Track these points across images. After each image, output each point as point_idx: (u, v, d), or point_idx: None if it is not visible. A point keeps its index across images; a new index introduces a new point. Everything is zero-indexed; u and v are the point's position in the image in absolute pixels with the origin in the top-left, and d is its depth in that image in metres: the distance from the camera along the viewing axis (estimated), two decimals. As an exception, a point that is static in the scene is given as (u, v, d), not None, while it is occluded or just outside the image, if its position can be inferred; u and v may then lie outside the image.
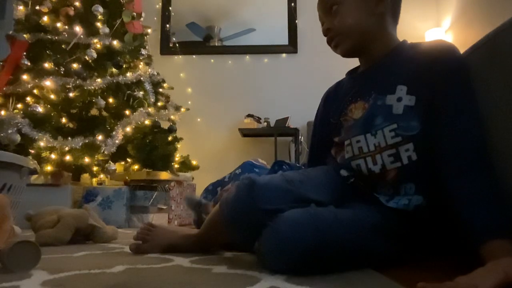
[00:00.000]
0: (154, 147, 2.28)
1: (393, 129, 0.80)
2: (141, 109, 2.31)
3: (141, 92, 2.43)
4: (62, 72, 2.18)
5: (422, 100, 0.79)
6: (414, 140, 0.79)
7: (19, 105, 2.02)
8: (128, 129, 2.20)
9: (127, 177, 2.25)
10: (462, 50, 0.82)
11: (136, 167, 2.27)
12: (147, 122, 2.30)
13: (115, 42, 2.34)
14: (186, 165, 2.60)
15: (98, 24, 2.32)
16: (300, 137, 3.01)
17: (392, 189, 0.82)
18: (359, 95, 0.90)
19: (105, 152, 2.03)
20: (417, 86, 0.80)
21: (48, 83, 2.06)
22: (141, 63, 2.53)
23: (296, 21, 3.42)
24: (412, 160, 0.79)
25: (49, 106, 2.09)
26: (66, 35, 2.22)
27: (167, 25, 3.46)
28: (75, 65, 2.18)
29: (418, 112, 0.79)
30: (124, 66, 2.37)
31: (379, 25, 0.89)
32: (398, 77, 0.83)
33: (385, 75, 0.87)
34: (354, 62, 1.00)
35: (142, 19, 2.59)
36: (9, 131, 1.81)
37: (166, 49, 3.43)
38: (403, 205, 0.79)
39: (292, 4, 3.44)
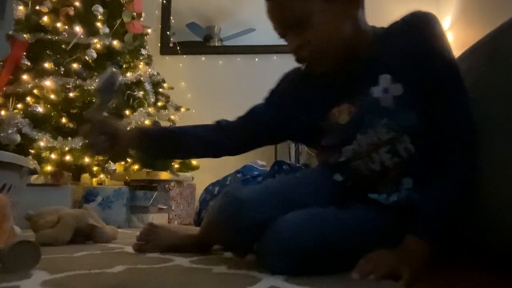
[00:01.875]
0: (154, 147, 2.27)
1: (384, 123, 0.76)
2: (141, 109, 2.31)
3: (141, 92, 2.42)
4: (62, 72, 2.18)
5: (409, 86, 0.74)
6: (408, 132, 0.75)
7: (19, 105, 2.02)
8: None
9: (127, 177, 2.24)
10: (462, 50, 0.82)
11: (136, 167, 2.27)
12: (147, 122, 2.30)
13: (115, 42, 2.34)
14: (186, 165, 2.60)
15: (98, 24, 2.31)
16: (300, 137, 3.00)
17: (394, 185, 0.79)
18: (342, 97, 0.82)
19: (105, 152, 2.02)
20: (401, 72, 0.74)
21: (48, 83, 2.06)
22: (141, 63, 2.53)
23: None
24: (410, 153, 0.76)
25: (49, 106, 2.09)
26: (66, 35, 2.22)
27: (167, 25, 3.46)
28: (75, 65, 2.18)
29: (408, 101, 0.74)
30: (124, 66, 2.36)
31: (355, 25, 0.79)
32: (378, 66, 0.77)
33: (365, 68, 0.79)
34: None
35: (142, 19, 2.59)
36: (9, 131, 1.81)
37: (166, 49, 3.42)
38: (406, 196, 0.78)
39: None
